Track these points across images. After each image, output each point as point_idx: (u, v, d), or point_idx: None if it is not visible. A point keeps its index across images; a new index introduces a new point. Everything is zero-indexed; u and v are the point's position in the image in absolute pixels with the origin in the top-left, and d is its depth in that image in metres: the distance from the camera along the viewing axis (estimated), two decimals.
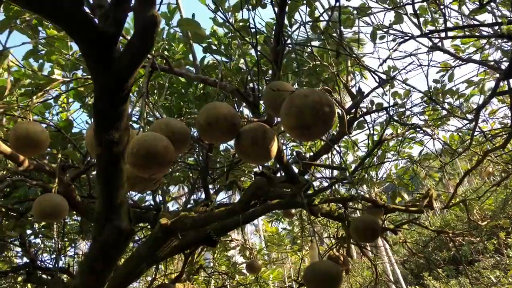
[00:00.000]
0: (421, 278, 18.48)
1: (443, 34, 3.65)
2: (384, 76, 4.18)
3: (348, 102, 4.92)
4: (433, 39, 3.96)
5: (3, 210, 3.73)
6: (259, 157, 2.20)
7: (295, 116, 1.66)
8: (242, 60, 4.42)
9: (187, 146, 2.31)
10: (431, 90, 5.05)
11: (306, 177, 3.74)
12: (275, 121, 2.64)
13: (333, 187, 4.81)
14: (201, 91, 4.44)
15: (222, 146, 5.45)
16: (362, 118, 4.11)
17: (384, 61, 3.27)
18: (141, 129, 2.15)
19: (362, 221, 2.64)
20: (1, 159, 3.47)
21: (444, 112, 5.35)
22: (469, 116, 5.02)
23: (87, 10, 1.38)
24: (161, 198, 5.01)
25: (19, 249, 5.24)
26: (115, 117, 1.49)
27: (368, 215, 3.62)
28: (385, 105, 4.52)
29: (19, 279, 5.77)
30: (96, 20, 1.42)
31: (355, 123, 4.34)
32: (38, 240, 5.70)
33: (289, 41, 2.56)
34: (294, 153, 4.67)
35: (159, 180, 2.47)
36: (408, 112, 5.12)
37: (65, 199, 2.86)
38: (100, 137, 1.49)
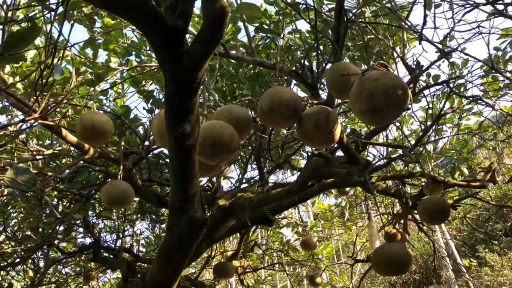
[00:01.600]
0: (476, 250, 17.99)
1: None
2: (441, 47, 3.98)
3: (402, 76, 4.74)
4: (496, 5, 3.71)
5: (68, 194, 3.91)
6: (323, 140, 2.16)
7: (366, 100, 1.61)
8: (292, 37, 4.33)
9: (250, 132, 2.30)
10: (491, 59, 4.77)
11: (367, 158, 3.66)
12: (336, 103, 2.58)
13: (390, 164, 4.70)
14: (252, 72, 4.40)
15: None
16: (420, 92, 3.95)
17: (448, 33, 3.09)
18: (205, 118, 2.16)
19: (432, 203, 2.56)
20: (67, 148, 3.61)
21: (506, 81, 5.05)
22: None
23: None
24: (215, 179, 5.09)
25: (81, 230, 5.51)
26: (187, 110, 1.49)
27: (437, 196, 3.50)
28: (442, 76, 4.32)
29: (83, 257, 6.07)
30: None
31: (413, 97, 4.18)
32: (98, 221, 5.96)
33: (352, 18, 2.47)
34: (349, 129, 4.57)
35: (224, 165, 2.49)
36: (467, 83, 4.87)
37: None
38: (172, 130, 1.50)
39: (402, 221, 5.45)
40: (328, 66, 2.67)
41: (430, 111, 4.73)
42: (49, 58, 1.95)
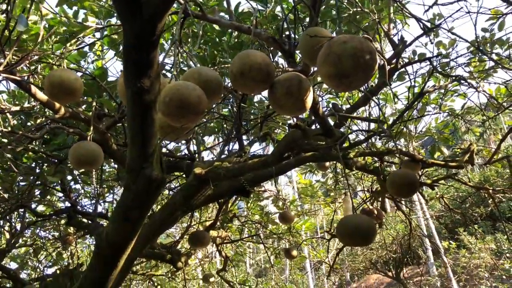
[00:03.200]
0: (455, 233, 18.33)
1: None
2: (429, 25, 3.93)
3: (388, 52, 4.69)
4: None
5: (44, 156, 3.85)
6: (294, 108, 2.13)
7: (333, 64, 1.57)
8: (278, 8, 4.25)
9: (220, 96, 2.26)
10: (478, 40, 4.74)
11: (342, 130, 3.64)
12: (312, 71, 2.54)
13: (370, 141, 4.70)
14: (236, 40, 4.32)
15: (256, 98, 5.38)
16: (403, 69, 3.92)
17: (430, 7, 3.04)
18: (174, 78, 2.11)
19: (400, 176, 2.56)
20: (39, 107, 3.53)
21: (492, 64, 5.03)
22: None
23: None
24: (195, 148, 5.06)
25: (61, 195, 5.48)
26: (145, 64, 1.44)
27: (406, 170, 3.51)
28: (429, 55, 4.29)
29: (62, 222, 6.06)
30: None
31: (396, 74, 4.15)
32: (78, 186, 5.93)
33: None
34: (331, 105, 4.54)
35: (192, 130, 2.45)
36: (452, 63, 4.84)
37: (101, 147, 2.91)
38: (131, 85, 1.46)
39: (380, 199, 5.50)
40: None
41: (415, 90, 4.71)
42: (13, 9, 1.87)
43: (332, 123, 3.83)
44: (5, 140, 3.79)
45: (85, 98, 3.40)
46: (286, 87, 2.06)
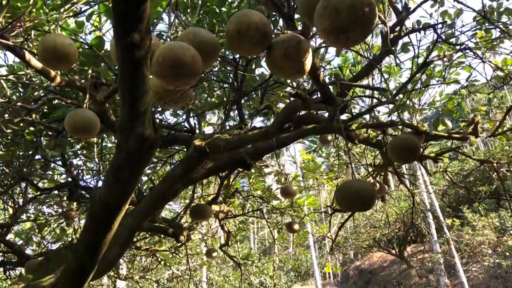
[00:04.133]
0: (459, 211, 18.36)
1: None
2: None
3: (392, 20, 4.59)
4: None
5: (42, 128, 3.82)
6: (292, 70, 2.07)
7: (330, 17, 1.50)
8: None
9: (216, 59, 2.20)
10: (485, 9, 4.62)
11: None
12: (311, 33, 2.47)
13: (373, 115, 4.63)
14: (236, 10, 4.23)
15: (257, 71, 5.30)
16: (407, 39, 3.83)
17: None
18: (169, 39, 2.05)
19: (401, 140, 2.51)
20: (36, 78, 3.48)
21: (498, 34, 4.91)
22: None
23: None
24: (196, 122, 5.01)
25: (63, 169, 5.47)
26: (135, 18, 1.38)
27: (408, 134, 3.45)
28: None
29: (65, 198, 6.08)
30: None
31: (400, 42, 4.06)
32: (80, 162, 5.92)
33: None
34: (333, 76, 4.46)
35: (189, 96, 2.39)
36: (457, 33, 4.73)
37: (99, 117, 2.86)
38: (120, 40, 1.40)
39: (382, 173, 5.46)
40: None
41: (419, 61, 4.62)
42: None
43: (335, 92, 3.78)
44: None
45: (82, 67, 3.34)
46: (284, 48, 2.00)
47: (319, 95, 3.11)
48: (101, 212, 1.82)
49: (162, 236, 6.39)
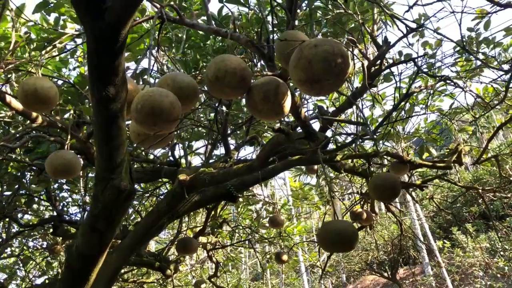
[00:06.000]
0: (449, 232, 18.34)
1: None
2: (414, 25, 3.91)
3: (375, 53, 4.67)
4: None
5: (25, 165, 3.78)
6: (271, 113, 2.08)
7: (304, 69, 1.53)
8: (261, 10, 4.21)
9: (196, 102, 2.21)
10: (464, 40, 4.73)
11: (327, 133, 3.60)
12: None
13: (358, 143, 4.67)
14: (220, 44, 4.28)
15: (243, 101, 5.33)
16: (388, 70, 3.89)
17: (411, 7, 3.02)
18: (148, 85, 2.06)
19: (381, 180, 2.52)
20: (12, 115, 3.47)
21: (478, 63, 5.02)
22: (505, 67, 4.69)
23: None
24: (182, 153, 5.00)
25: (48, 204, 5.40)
26: (110, 71, 1.39)
27: (388, 173, 3.48)
28: (414, 56, 4.27)
29: (51, 231, 5.98)
30: None
31: (381, 75, 4.13)
32: (66, 194, 5.85)
33: None
34: (317, 108, 4.51)
35: (170, 137, 2.40)
36: (438, 64, 4.83)
37: (83, 155, 2.85)
38: (95, 93, 1.41)
39: (370, 201, 5.47)
40: None
41: (403, 91, 4.69)
42: None
43: (319, 125, 3.81)
44: None
45: (66, 106, 3.33)
46: (263, 92, 2.02)
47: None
48: (77, 263, 1.79)
49: None
